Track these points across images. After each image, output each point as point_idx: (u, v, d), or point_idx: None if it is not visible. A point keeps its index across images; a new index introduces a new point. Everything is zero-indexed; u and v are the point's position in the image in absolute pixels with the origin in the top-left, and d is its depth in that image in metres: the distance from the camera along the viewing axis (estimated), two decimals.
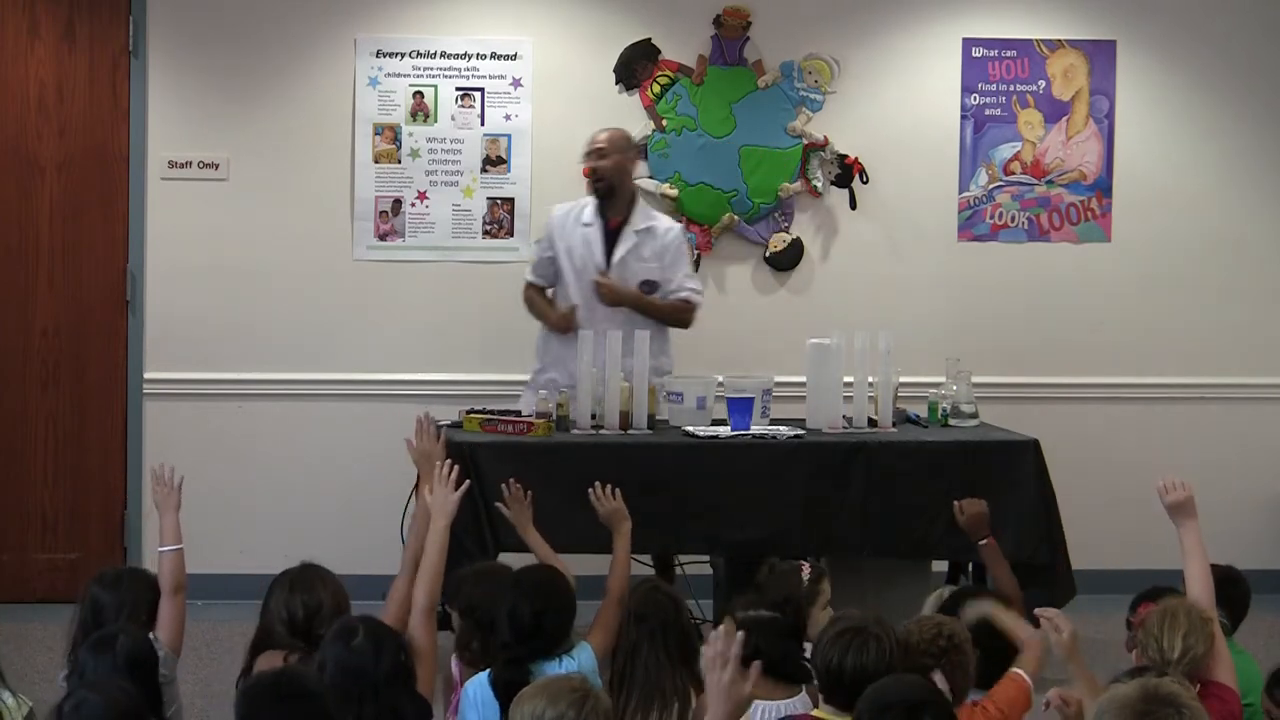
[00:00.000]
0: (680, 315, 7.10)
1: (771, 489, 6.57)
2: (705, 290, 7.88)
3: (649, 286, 7.01)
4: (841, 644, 4.04)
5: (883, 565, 6.67)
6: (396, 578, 4.92)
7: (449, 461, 4.91)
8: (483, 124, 7.76)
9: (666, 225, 7.12)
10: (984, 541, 5.94)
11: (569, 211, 7.08)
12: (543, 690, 3.56)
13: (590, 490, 5.52)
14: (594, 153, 7.00)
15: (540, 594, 4.63)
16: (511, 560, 5.55)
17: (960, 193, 7.97)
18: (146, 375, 7.67)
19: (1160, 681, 3.62)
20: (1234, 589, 5.13)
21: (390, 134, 7.71)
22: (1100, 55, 8.02)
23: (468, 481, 4.88)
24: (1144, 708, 3.49)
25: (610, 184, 6.99)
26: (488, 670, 4.58)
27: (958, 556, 6.91)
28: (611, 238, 7.00)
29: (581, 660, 4.62)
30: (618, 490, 5.53)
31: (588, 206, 7.04)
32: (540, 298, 7.15)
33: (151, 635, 4.53)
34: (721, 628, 3.51)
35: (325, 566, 4.75)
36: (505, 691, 4.46)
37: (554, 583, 4.71)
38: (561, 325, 6.99)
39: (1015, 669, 4.51)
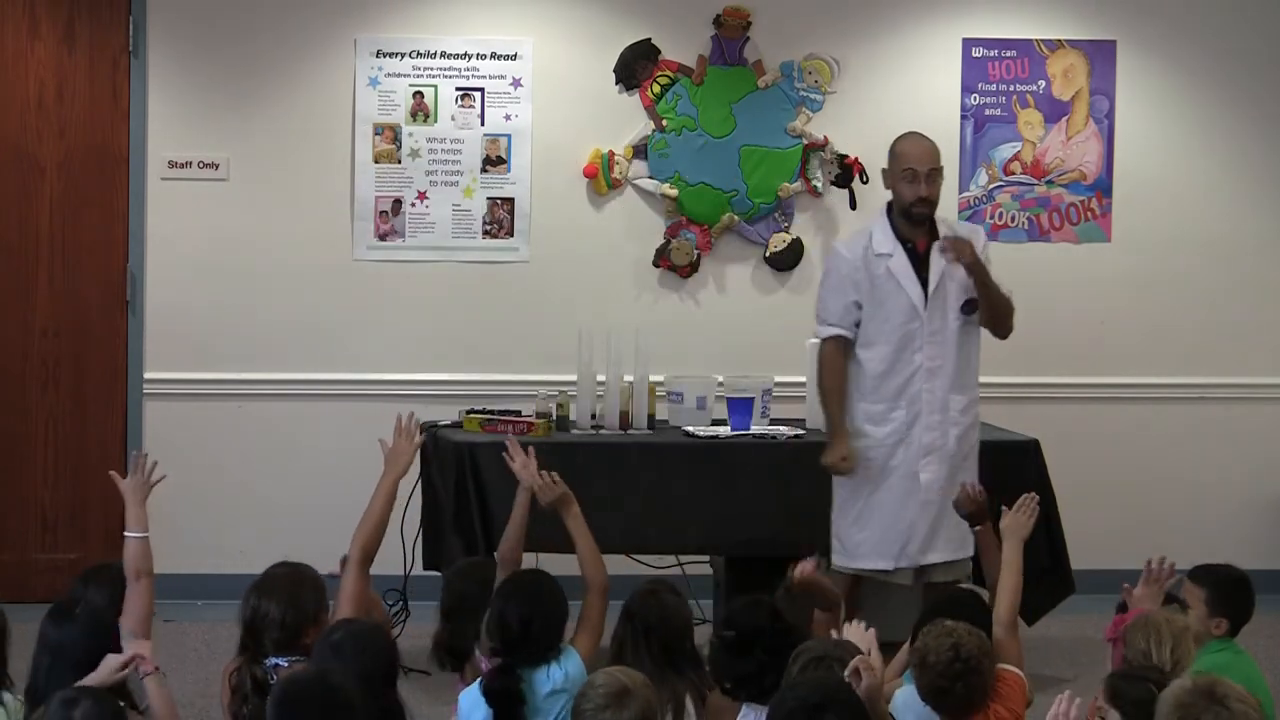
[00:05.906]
0: (1007, 311, 6.24)
1: (771, 489, 6.57)
2: (705, 290, 7.92)
3: (970, 306, 6.19)
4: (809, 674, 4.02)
5: None
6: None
7: (411, 413, 4.85)
8: (483, 124, 7.75)
9: (969, 229, 6.42)
10: (978, 528, 5.80)
11: (854, 247, 6.19)
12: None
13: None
14: (933, 173, 6.07)
15: (528, 598, 4.45)
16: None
17: (960, 193, 7.96)
18: (146, 375, 7.66)
19: (1216, 680, 3.70)
20: (1239, 591, 5.11)
21: (390, 134, 7.71)
22: (1100, 55, 8.01)
23: (422, 435, 4.81)
24: (1200, 703, 3.61)
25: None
26: (478, 681, 4.48)
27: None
28: (918, 261, 6.14)
29: (569, 668, 4.46)
30: (555, 475, 5.06)
31: (875, 233, 6.18)
32: (842, 368, 6.17)
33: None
34: None
35: (314, 569, 4.76)
36: (498, 701, 4.35)
37: (541, 586, 4.51)
38: (838, 463, 6.15)
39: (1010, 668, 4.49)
